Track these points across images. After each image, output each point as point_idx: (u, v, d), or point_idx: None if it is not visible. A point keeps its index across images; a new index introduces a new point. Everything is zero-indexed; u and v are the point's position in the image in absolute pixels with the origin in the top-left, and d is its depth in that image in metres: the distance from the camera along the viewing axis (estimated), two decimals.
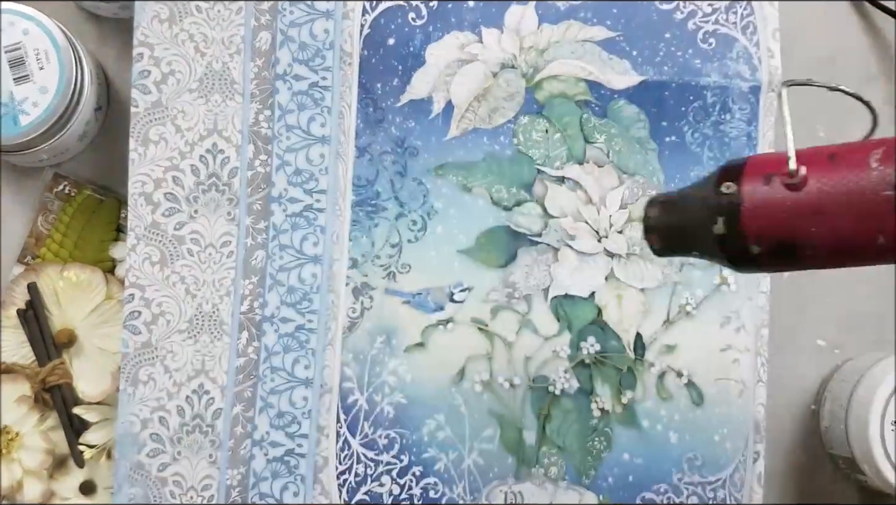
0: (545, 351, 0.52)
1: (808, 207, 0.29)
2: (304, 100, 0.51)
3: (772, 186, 0.29)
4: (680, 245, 0.34)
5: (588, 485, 0.51)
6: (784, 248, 0.30)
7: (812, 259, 0.29)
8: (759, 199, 0.30)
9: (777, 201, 0.29)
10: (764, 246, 0.30)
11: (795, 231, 0.29)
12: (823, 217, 0.28)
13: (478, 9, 0.52)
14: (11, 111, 0.50)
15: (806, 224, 0.29)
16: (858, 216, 0.28)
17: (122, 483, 0.49)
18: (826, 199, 0.28)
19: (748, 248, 0.30)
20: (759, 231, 0.30)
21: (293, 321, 0.50)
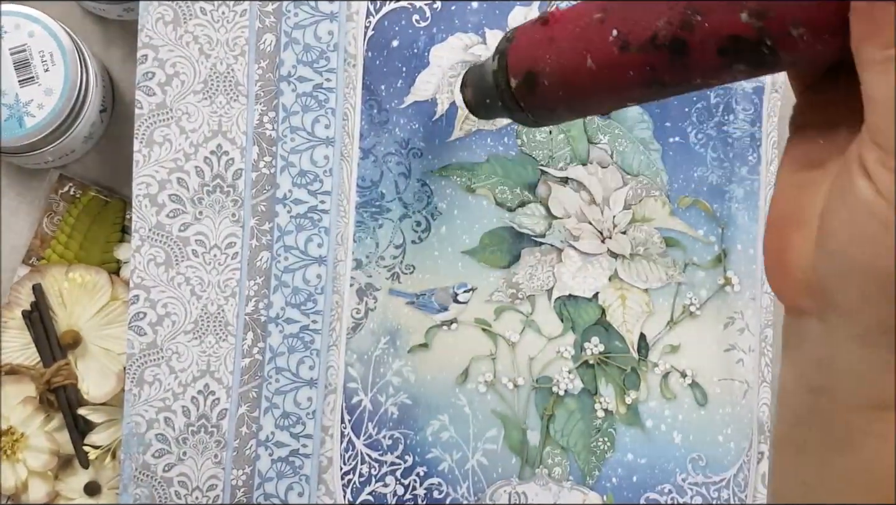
0: (549, 351, 0.52)
1: (546, 38, 0.33)
2: (308, 101, 0.51)
3: (533, 26, 0.34)
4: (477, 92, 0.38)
5: (592, 485, 0.51)
6: (529, 78, 0.33)
7: (549, 92, 0.33)
8: (520, 35, 0.34)
9: (529, 36, 0.34)
10: (520, 78, 0.34)
11: (536, 59, 0.33)
12: (554, 44, 0.32)
13: (481, 10, 0.53)
14: (17, 113, 0.50)
15: (543, 52, 0.33)
16: (574, 38, 0.32)
17: (128, 483, 0.49)
18: (559, 28, 0.33)
19: (510, 80, 0.34)
20: (517, 63, 0.34)
21: (298, 322, 0.50)
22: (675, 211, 0.52)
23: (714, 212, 0.52)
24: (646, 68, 0.29)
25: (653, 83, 0.30)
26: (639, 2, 0.29)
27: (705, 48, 0.27)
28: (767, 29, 0.26)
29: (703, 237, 0.52)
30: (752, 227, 0.52)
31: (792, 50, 0.26)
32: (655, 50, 0.28)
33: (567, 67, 0.32)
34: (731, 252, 0.52)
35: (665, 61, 0.28)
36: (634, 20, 0.29)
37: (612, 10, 0.30)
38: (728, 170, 0.52)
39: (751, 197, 0.52)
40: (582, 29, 0.31)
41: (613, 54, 0.30)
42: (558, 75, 0.32)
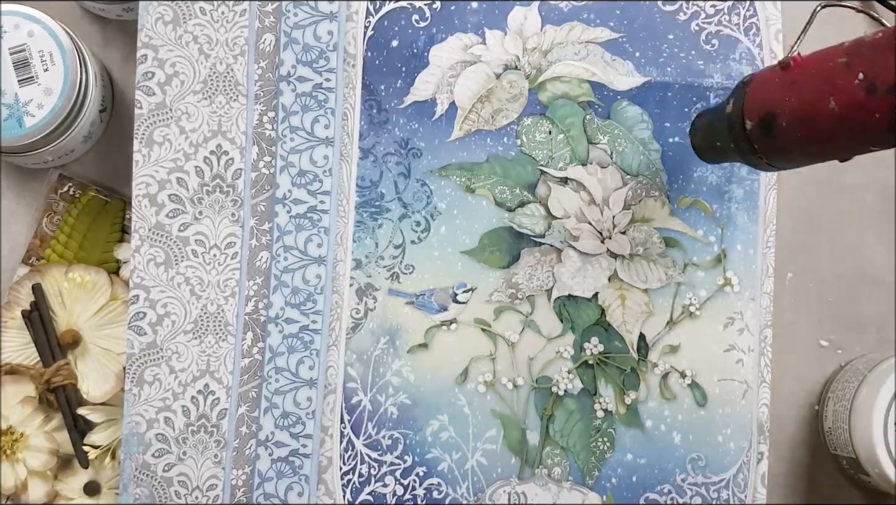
0: (548, 351, 0.52)
1: (788, 81, 0.33)
2: (307, 101, 0.51)
3: (773, 70, 0.35)
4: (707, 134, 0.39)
5: (591, 485, 0.51)
6: (766, 120, 0.34)
7: (786, 134, 0.33)
8: (760, 78, 0.35)
9: (769, 79, 0.35)
10: (755, 120, 0.34)
11: (775, 101, 0.34)
12: (795, 86, 0.33)
13: (481, 10, 0.53)
14: (16, 113, 0.50)
15: (783, 94, 0.33)
16: (816, 81, 0.32)
17: (128, 483, 0.49)
18: (800, 72, 0.33)
19: (745, 123, 0.35)
20: (754, 104, 0.35)
21: (297, 322, 0.50)
22: (675, 211, 0.52)
23: (714, 212, 0.52)
24: (893, 111, 0.29)
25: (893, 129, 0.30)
26: (887, 48, 0.29)
27: None
28: None
29: (702, 237, 0.52)
30: (752, 228, 0.52)
31: None
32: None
33: (809, 109, 0.32)
34: (730, 252, 0.52)
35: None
36: (883, 64, 0.29)
37: (858, 55, 0.30)
38: (728, 170, 0.52)
39: (751, 197, 0.52)
40: (826, 72, 0.31)
41: (860, 97, 0.30)
42: (798, 117, 0.32)
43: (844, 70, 0.31)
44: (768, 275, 0.52)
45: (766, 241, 0.52)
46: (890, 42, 0.30)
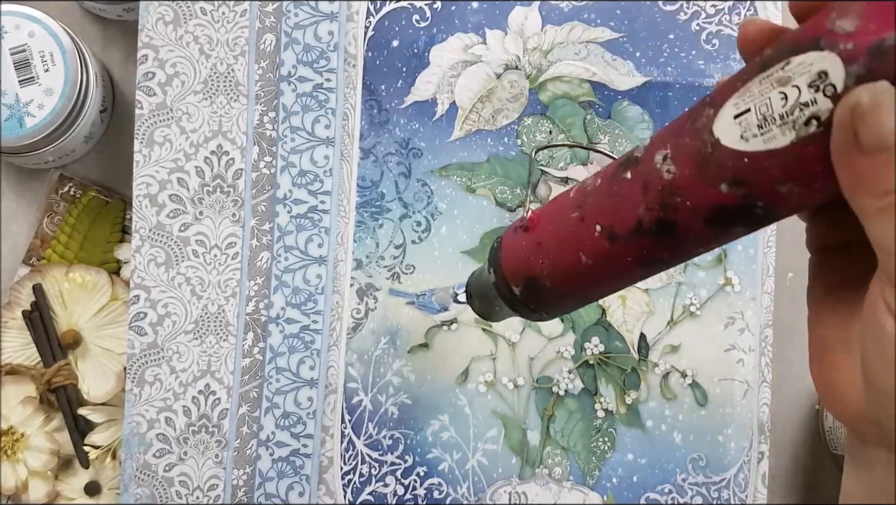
0: (549, 351, 0.52)
1: (534, 243, 0.32)
2: (308, 101, 0.51)
3: (515, 233, 0.34)
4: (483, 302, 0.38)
5: (592, 485, 0.51)
6: (531, 283, 0.33)
7: (554, 291, 0.33)
8: (507, 244, 0.34)
9: (516, 243, 0.34)
10: (521, 285, 0.33)
11: (531, 265, 0.33)
12: (542, 247, 0.32)
13: (481, 10, 0.53)
14: (17, 113, 0.50)
15: (535, 257, 0.32)
16: (560, 240, 0.31)
17: (129, 483, 0.49)
18: (544, 233, 0.32)
19: (512, 289, 0.34)
20: (513, 271, 0.34)
21: (298, 322, 0.50)
22: None
23: None
24: (641, 252, 0.29)
25: (652, 263, 0.29)
26: (611, 195, 0.29)
27: (694, 224, 0.27)
28: (753, 193, 0.25)
29: None
30: None
31: (785, 204, 0.25)
32: (645, 235, 0.28)
33: (564, 267, 0.31)
34: (731, 252, 0.52)
35: (658, 243, 0.28)
36: (613, 212, 0.29)
37: (587, 207, 0.30)
38: None
39: None
40: (566, 229, 0.31)
41: (605, 247, 0.29)
42: (558, 276, 0.32)
43: (580, 224, 0.30)
44: (769, 274, 0.52)
45: (767, 240, 0.52)
46: (610, 187, 0.29)
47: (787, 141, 0.24)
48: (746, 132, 0.25)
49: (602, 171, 0.30)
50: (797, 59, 0.24)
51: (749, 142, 0.25)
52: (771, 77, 0.24)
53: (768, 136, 0.24)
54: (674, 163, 0.27)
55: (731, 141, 0.25)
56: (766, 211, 0.25)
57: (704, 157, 0.26)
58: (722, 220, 0.26)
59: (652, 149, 0.28)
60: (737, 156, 0.25)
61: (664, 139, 0.27)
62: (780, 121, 0.24)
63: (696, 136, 0.26)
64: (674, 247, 0.28)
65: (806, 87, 0.23)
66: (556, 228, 0.32)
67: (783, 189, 0.24)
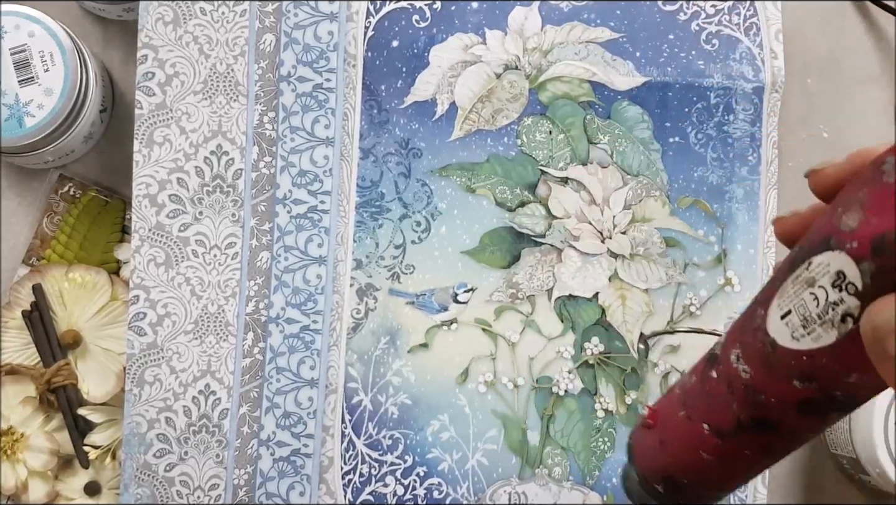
0: (549, 351, 0.52)
1: (658, 441, 0.32)
2: (308, 101, 0.51)
3: (641, 432, 0.34)
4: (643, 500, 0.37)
5: (592, 485, 0.51)
6: (669, 481, 0.33)
7: (693, 487, 0.32)
8: (638, 444, 0.34)
9: (644, 442, 0.33)
10: (660, 482, 0.33)
11: (662, 464, 0.32)
12: (666, 446, 0.32)
13: (481, 10, 0.53)
14: (16, 113, 0.50)
15: (662, 456, 0.32)
16: (678, 439, 0.31)
17: (129, 483, 0.49)
18: (662, 430, 0.32)
19: (656, 487, 0.33)
20: (649, 470, 0.33)
21: (298, 322, 0.50)
22: (675, 211, 0.53)
23: (714, 212, 0.52)
24: (754, 444, 0.29)
25: (771, 452, 0.29)
26: (705, 395, 0.29)
27: (788, 416, 0.27)
28: (825, 386, 0.25)
29: (703, 237, 0.52)
30: (752, 228, 0.52)
31: (863, 388, 0.25)
32: (750, 431, 0.28)
33: (691, 465, 0.31)
34: (731, 252, 0.52)
35: (764, 438, 0.28)
36: (712, 412, 0.29)
37: (690, 407, 0.30)
38: (728, 170, 0.52)
39: (751, 197, 0.52)
40: (679, 428, 0.31)
41: (718, 444, 0.29)
42: (690, 473, 0.32)
43: (689, 424, 0.30)
44: (768, 274, 0.52)
45: (767, 241, 0.52)
46: (703, 387, 0.29)
47: (832, 339, 0.24)
48: (795, 332, 0.25)
49: (695, 366, 0.31)
50: (816, 259, 0.24)
51: (800, 341, 0.25)
52: (800, 278, 0.25)
53: (815, 336, 0.24)
54: (746, 363, 0.27)
55: (785, 341, 0.25)
56: (848, 397, 0.25)
57: (768, 356, 0.26)
58: (813, 410, 0.26)
59: (727, 347, 0.28)
60: (795, 354, 0.25)
61: (734, 338, 0.28)
62: (819, 320, 0.24)
63: (755, 336, 0.26)
64: (780, 438, 0.28)
65: (830, 287, 0.23)
66: (672, 427, 0.32)
67: (851, 379, 0.24)
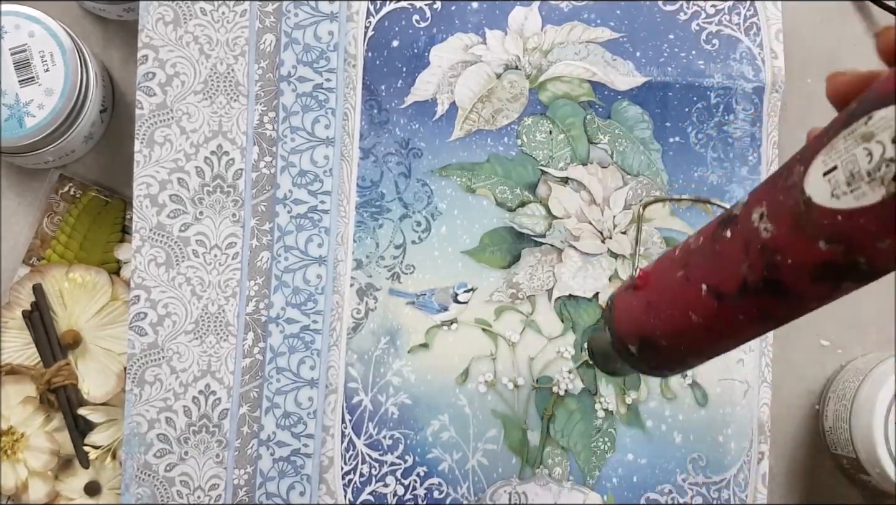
0: (549, 351, 0.52)
1: (644, 303, 0.32)
2: (308, 101, 0.51)
3: (627, 292, 0.33)
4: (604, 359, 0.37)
5: (592, 485, 0.51)
6: (646, 343, 0.32)
7: (670, 350, 0.32)
8: (619, 304, 0.34)
9: (628, 303, 0.33)
10: (636, 344, 0.33)
11: (644, 325, 0.32)
12: (653, 308, 0.32)
13: (481, 10, 0.53)
14: (17, 113, 0.50)
15: (647, 317, 0.32)
16: (668, 300, 0.31)
17: (130, 483, 0.49)
18: (653, 292, 0.32)
19: (629, 348, 0.33)
20: (627, 331, 0.33)
21: (298, 322, 0.50)
22: (676, 211, 0.53)
23: (714, 212, 0.52)
24: (752, 310, 0.28)
25: (766, 319, 0.29)
26: (713, 255, 0.28)
27: (800, 281, 0.26)
28: (852, 249, 0.24)
29: None
30: None
31: (889, 259, 0.24)
32: (752, 294, 0.27)
33: (676, 327, 0.31)
34: None
35: (767, 301, 0.27)
36: (716, 272, 0.28)
37: (692, 267, 0.30)
38: (728, 170, 0.52)
39: None
40: (673, 289, 0.30)
41: (713, 306, 0.29)
42: (672, 336, 0.31)
43: (686, 284, 0.30)
44: None
45: None
46: (711, 246, 0.29)
47: (878, 197, 0.23)
48: (836, 189, 0.24)
49: (703, 228, 0.30)
50: (879, 113, 0.23)
51: (840, 199, 0.24)
52: (855, 133, 0.24)
53: (858, 193, 0.23)
54: (770, 221, 0.26)
55: (823, 199, 0.24)
56: (870, 266, 0.25)
57: (799, 215, 0.25)
58: (828, 276, 0.25)
59: (749, 207, 0.27)
60: (830, 213, 0.24)
61: (760, 197, 0.27)
62: (868, 178, 0.23)
63: (788, 193, 0.25)
64: (784, 304, 0.27)
65: (890, 142, 0.22)
66: (664, 288, 0.31)
67: (882, 245, 0.24)
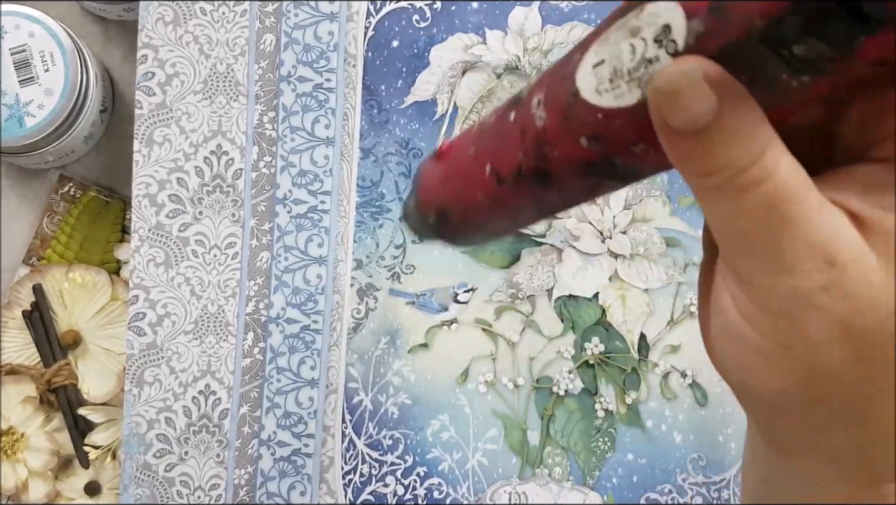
0: (549, 351, 0.52)
1: (442, 175, 0.31)
2: (308, 101, 0.51)
3: (431, 162, 0.32)
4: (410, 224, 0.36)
5: (592, 485, 0.51)
6: (441, 215, 0.31)
7: (462, 225, 0.31)
8: (423, 173, 0.33)
9: (430, 173, 0.32)
10: (434, 214, 0.32)
11: (440, 198, 0.31)
12: (448, 181, 0.30)
13: (481, 10, 0.53)
14: (17, 113, 0.50)
15: (442, 190, 0.31)
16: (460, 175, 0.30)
17: (129, 483, 0.49)
18: (448, 164, 0.31)
19: (427, 217, 0.32)
20: (427, 200, 0.32)
21: (298, 322, 0.50)
22: (676, 211, 0.53)
23: None
24: (528, 196, 0.27)
25: (543, 208, 0.28)
26: (498, 135, 0.27)
27: (567, 175, 0.25)
28: (610, 150, 0.23)
29: None
30: None
31: (645, 162, 0.23)
32: (527, 181, 0.26)
33: (464, 203, 0.30)
34: None
35: (541, 190, 0.27)
36: (498, 154, 0.27)
37: (479, 144, 0.29)
38: None
39: None
40: (463, 165, 0.30)
41: (494, 188, 0.28)
42: (461, 211, 0.31)
43: (474, 162, 0.29)
44: None
45: None
46: (498, 127, 0.27)
47: (633, 99, 0.22)
48: (600, 85, 0.23)
49: (499, 106, 0.28)
50: (649, 6, 0.21)
51: (602, 96, 0.23)
52: (626, 25, 0.22)
53: (618, 93, 0.22)
54: (545, 110, 0.25)
55: (588, 94, 0.23)
56: (628, 167, 0.24)
57: (566, 108, 0.24)
58: (591, 173, 0.25)
59: (532, 91, 0.26)
60: (592, 110, 0.23)
61: (542, 82, 0.25)
62: (627, 76, 0.22)
63: (562, 83, 0.24)
64: (557, 194, 0.27)
65: (652, 40, 0.21)
66: (458, 163, 0.30)
67: (636, 150, 0.23)
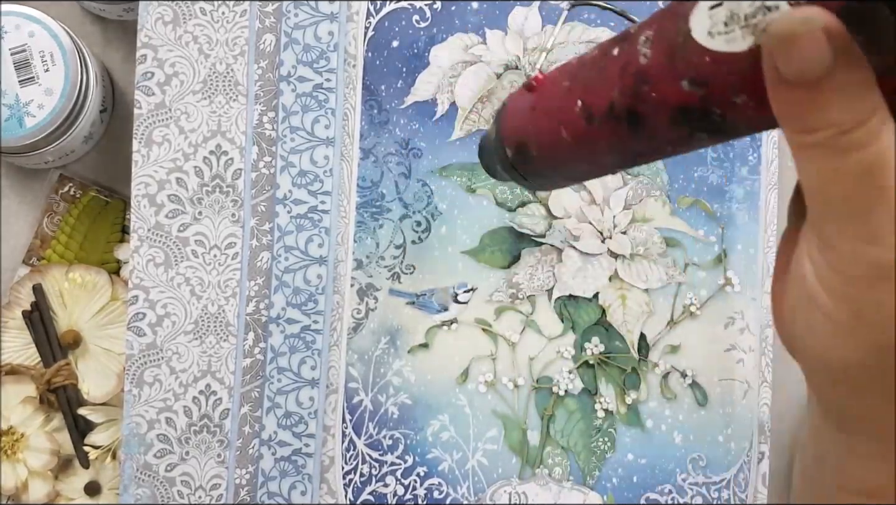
0: (549, 351, 0.52)
1: (530, 105, 0.31)
2: (308, 101, 0.51)
3: (520, 93, 0.32)
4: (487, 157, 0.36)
5: (592, 485, 0.51)
6: (521, 148, 0.31)
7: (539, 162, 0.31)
8: (511, 104, 0.32)
9: (519, 104, 0.32)
10: (513, 148, 0.32)
11: (524, 130, 0.31)
12: (535, 113, 0.30)
13: (481, 10, 0.53)
14: (17, 113, 0.50)
15: (527, 122, 0.31)
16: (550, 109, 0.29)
17: (129, 484, 0.49)
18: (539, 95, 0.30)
19: (506, 150, 0.32)
20: (510, 133, 0.32)
21: (299, 322, 0.50)
22: (676, 211, 0.53)
23: (714, 212, 0.52)
24: (613, 138, 0.27)
25: (626, 153, 0.27)
26: (597, 70, 0.27)
27: (659, 119, 0.25)
28: (711, 97, 0.23)
29: (703, 237, 0.52)
30: (753, 228, 0.52)
31: (742, 117, 0.23)
32: (616, 121, 0.26)
33: (547, 139, 0.30)
34: (731, 252, 0.52)
35: (628, 132, 0.26)
36: (593, 89, 0.27)
37: (575, 78, 0.28)
38: (728, 170, 0.52)
39: (751, 197, 0.52)
40: (555, 99, 0.29)
41: (582, 126, 0.28)
42: (543, 147, 0.30)
43: (567, 96, 0.28)
44: (769, 275, 0.52)
45: (767, 240, 0.52)
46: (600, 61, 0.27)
47: (745, 46, 0.22)
48: (713, 28, 0.22)
49: (603, 42, 0.28)
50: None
51: (714, 39, 0.22)
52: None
53: (731, 37, 0.22)
54: (651, 47, 0.25)
55: (700, 35, 0.23)
56: (724, 120, 0.23)
57: (675, 47, 0.24)
58: (684, 120, 0.24)
59: (641, 28, 0.25)
60: (701, 52, 0.23)
61: (654, 20, 0.25)
62: (743, 21, 0.22)
63: (675, 22, 0.24)
64: (643, 140, 0.26)
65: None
66: (550, 95, 0.30)
67: (738, 100, 0.23)
